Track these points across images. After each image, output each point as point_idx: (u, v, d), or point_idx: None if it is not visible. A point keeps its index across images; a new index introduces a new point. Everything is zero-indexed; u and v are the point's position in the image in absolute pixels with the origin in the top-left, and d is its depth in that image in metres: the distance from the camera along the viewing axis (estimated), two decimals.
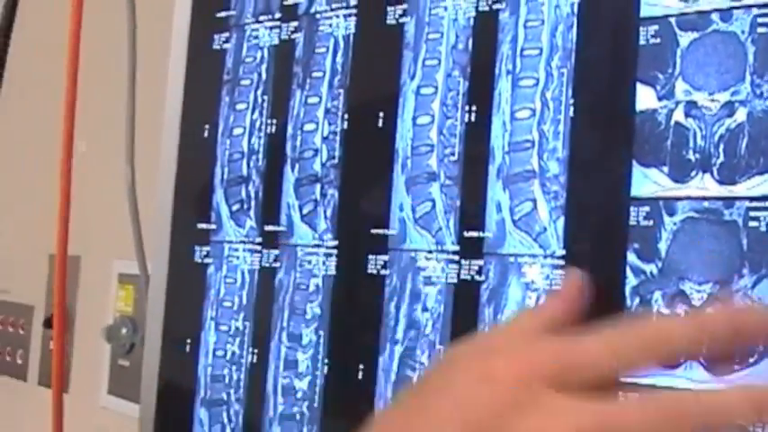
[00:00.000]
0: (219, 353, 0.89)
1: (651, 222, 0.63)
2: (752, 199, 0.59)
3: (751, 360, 0.55)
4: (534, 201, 0.69)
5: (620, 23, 0.66)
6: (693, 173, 0.62)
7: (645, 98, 0.64)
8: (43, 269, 1.88)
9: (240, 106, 0.90)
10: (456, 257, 0.73)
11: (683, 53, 0.63)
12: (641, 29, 0.65)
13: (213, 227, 0.91)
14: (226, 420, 0.87)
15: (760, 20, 0.60)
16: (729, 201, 0.60)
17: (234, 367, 0.87)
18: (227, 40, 0.93)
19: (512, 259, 0.70)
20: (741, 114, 0.60)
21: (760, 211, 0.59)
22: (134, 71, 1.07)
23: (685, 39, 0.63)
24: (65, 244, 1.07)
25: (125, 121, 1.09)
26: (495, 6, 0.73)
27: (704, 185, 0.61)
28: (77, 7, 1.04)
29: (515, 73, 0.71)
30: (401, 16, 0.79)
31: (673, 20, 0.64)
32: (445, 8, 0.76)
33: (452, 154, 0.74)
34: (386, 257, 0.77)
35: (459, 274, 0.73)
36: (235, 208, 0.90)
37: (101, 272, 1.77)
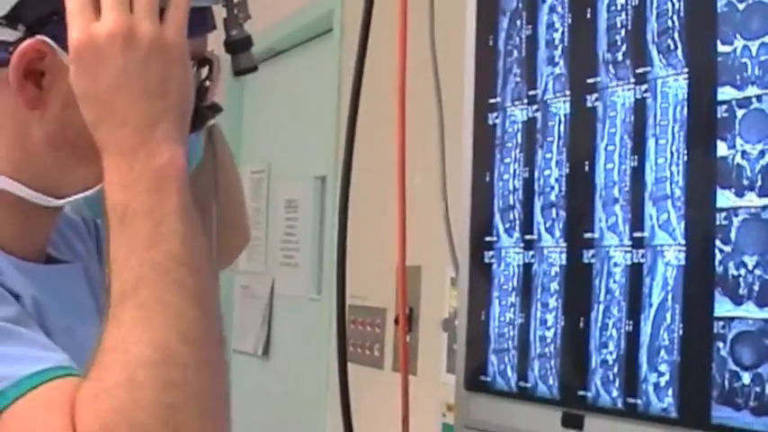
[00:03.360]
0: (501, 318, 1.39)
1: (727, 222, 1.08)
2: None
3: None
4: (668, 212, 1.15)
5: (707, 105, 1.11)
6: (746, 192, 1.06)
7: (721, 148, 1.09)
8: (392, 277, 2.41)
9: (507, 160, 1.41)
10: (630, 249, 1.20)
11: (740, 121, 1.07)
12: (718, 107, 1.10)
13: (495, 239, 1.42)
14: (506, 361, 1.38)
15: None
16: (764, 207, 1.04)
17: (510, 327, 1.38)
18: (497, 117, 1.43)
19: (658, 248, 1.16)
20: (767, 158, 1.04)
21: None
22: (443, 141, 1.60)
23: (740, 112, 1.07)
24: (403, 258, 1.61)
25: (439, 170, 1.62)
26: (644, 95, 1.20)
27: (751, 199, 1.05)
28: (401, 114, 1.57)
29: (657, 135, 1.17)
30: (595, 101, 1.27)
31: (734, 101, 1.08)
32: (618, 96, 1.23)
33: (625, 186, 1.21)
34: (593, 251, 1.25)
35: (632, 259, 1.20)
36: (507, 226, 1.40)
37: (437, 277, 2.30)
